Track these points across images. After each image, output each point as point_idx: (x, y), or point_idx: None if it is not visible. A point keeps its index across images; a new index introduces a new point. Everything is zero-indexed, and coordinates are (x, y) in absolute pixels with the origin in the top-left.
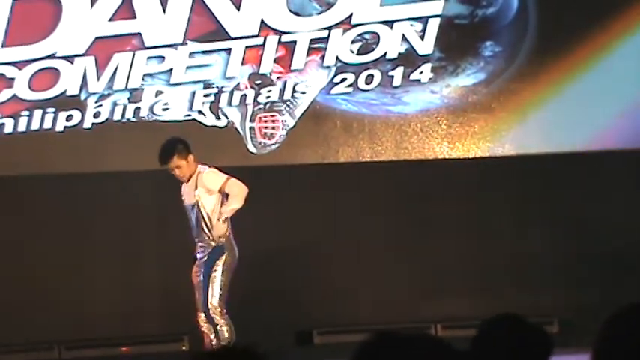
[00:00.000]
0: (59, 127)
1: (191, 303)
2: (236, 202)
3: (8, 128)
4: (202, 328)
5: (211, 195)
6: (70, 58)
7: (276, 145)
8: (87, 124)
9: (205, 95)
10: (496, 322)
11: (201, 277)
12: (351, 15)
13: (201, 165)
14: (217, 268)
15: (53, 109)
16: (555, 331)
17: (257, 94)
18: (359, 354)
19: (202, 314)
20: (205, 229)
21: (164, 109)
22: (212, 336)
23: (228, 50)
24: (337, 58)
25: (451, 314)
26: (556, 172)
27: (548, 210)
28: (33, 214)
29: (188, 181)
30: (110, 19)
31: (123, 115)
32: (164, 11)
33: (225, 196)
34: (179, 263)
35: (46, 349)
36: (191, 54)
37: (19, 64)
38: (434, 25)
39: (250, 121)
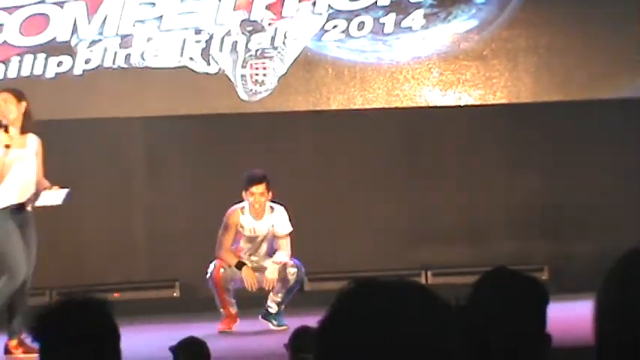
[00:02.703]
0: (50, 73)
1: (182, 250)
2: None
3: None
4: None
5: (277, 233)
6: (60, 4)
7: (268, 92)
8: (77, 70)
9: (196, 42)
10: (489, 276)
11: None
12: None
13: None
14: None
15: (44, 55)
16: (545, 279)
17: (248, 41)
18: (337, 302)
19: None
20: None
21: (155, 56)
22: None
23: None
24: (329, 5)
25: (441, 261)
26: (548, 120)
27: (540, 158)
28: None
29: (261, 215)
30: None
31: (114, 62)
32: None
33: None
34: (170, 209)
35: (37, 295)
36: (182, 0)
37: (9, 9)
38: None
39: (241, 67)
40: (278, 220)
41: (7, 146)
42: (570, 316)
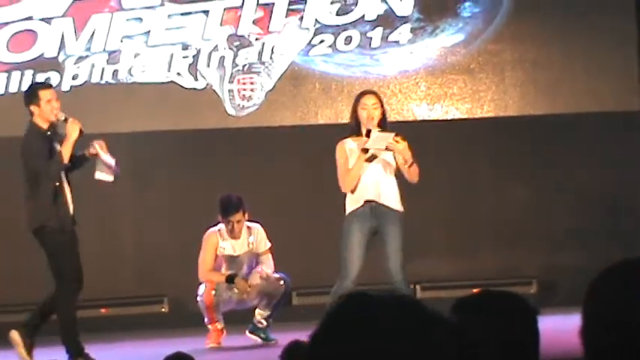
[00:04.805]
0: None
1: (170, 265)
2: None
3: None
4: None
5: (257, 250)
6: (47, 20)
7: (255, 107)
8: (65, 87)
9: (184, 57)
10: (472, 301)
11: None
12: None
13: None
14: None
15: (31, 71)
16: (534, 292)
17: (235, 56)
18: (328, 315)
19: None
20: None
21: (142, 71)
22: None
23: (207, 12)
24: (316, 20)
25: (431, 275)
26: (535, 134)
27: (528, 170)
28: (11, 176)
29: (238, 236)
30: None
31: (101, 77)
32: None
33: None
34: (158, 224)
35: (28, 311)
36: (169, 15)
37: None
38: None
39: (229, 82)
40: (257, 239)
41: (364, 150)
42: (559, 329)
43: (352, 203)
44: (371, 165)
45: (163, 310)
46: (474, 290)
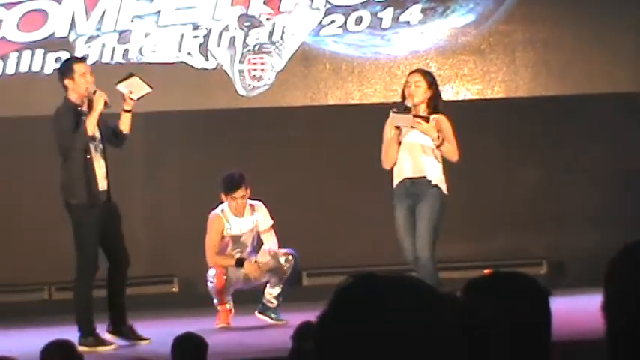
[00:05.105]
0: (48, 69)
1: (180, 245)
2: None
3: None
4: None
5: (260, 228)
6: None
7: (265, 87)
8: None
9: (194, 37)
10: (483, 282)
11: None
12: None
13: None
14: None
15: (42, 51)
16: (544, 273)
17: (246, 36)
18: (336, 296)
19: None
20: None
21: (153, 51)
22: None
23: None
24: (326, 0)
25: (440, 256)
26: (546, 115)
27: (538, 151)
28: (21, 156)
29: (242, 214)
30: None
31: (112, 57)
32: None
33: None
34: (168, 204)
35: (36, 290)
36: None
37: (7, 5)
38: None
39: (239, 62)
40: (260, 217)
41: (398, 128)
42: (570, 309)
43: (394, 179)
44: (411, 143)
45: (174, 289)
46: (485, 271)
